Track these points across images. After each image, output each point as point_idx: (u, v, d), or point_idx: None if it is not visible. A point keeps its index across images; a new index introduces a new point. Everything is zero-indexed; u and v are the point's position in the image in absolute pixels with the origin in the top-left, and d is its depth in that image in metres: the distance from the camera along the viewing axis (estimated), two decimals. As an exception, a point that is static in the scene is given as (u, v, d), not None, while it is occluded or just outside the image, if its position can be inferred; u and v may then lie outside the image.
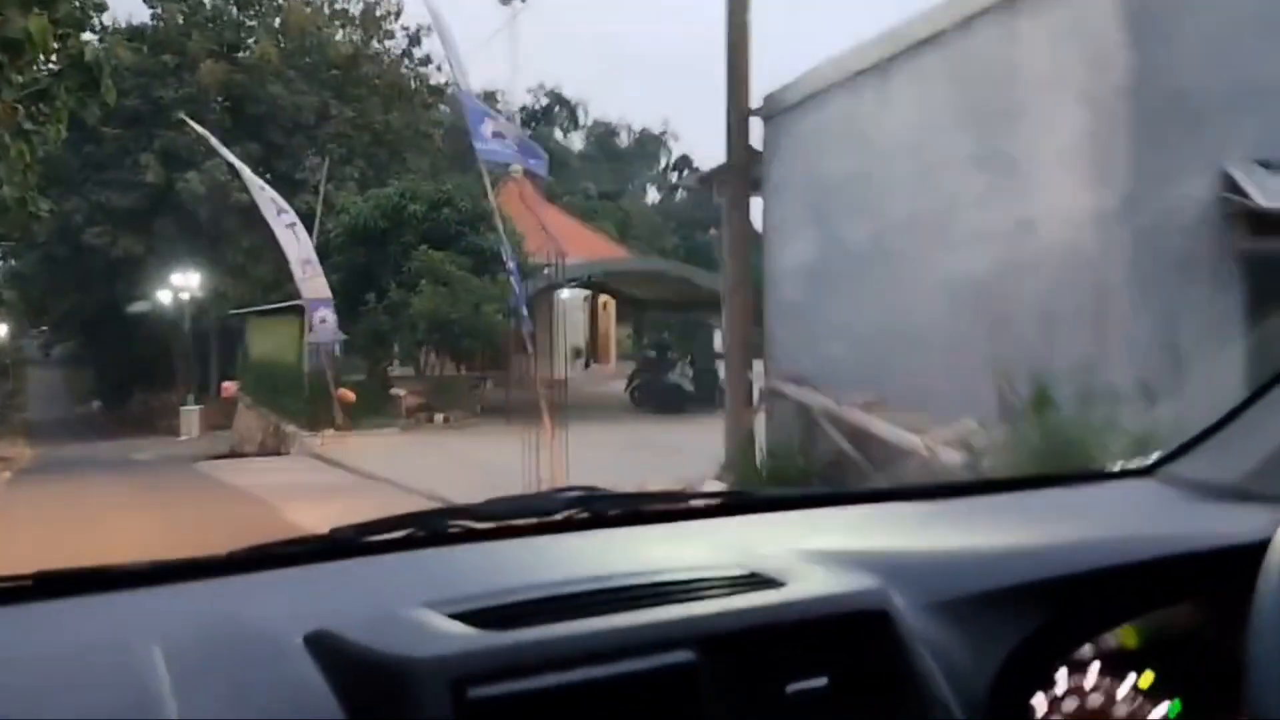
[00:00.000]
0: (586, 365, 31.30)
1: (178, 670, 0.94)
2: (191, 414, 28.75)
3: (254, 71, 31.40)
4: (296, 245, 20.75)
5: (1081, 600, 1.25)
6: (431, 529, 1.35)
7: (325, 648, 0.98)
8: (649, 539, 1.40)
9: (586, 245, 29.25)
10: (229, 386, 29.12)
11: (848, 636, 1.10)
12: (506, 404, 21.04)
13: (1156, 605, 1.28)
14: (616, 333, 35.06)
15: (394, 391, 23.37)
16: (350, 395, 20.80)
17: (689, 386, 22.80)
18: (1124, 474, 1.69)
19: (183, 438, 27.56)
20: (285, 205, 21.25)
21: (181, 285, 30.29)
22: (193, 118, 25.96)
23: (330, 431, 19.94)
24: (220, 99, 31.65)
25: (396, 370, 26.73)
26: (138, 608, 1.11)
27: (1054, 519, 1.52)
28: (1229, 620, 0.96)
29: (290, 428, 21.90)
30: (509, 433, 12.42)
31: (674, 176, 57.26)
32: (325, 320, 20.52)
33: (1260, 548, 0.97)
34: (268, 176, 27.78)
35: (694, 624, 1.04)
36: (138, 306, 33.29)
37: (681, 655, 1.01)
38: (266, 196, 21.31)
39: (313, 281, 20.54)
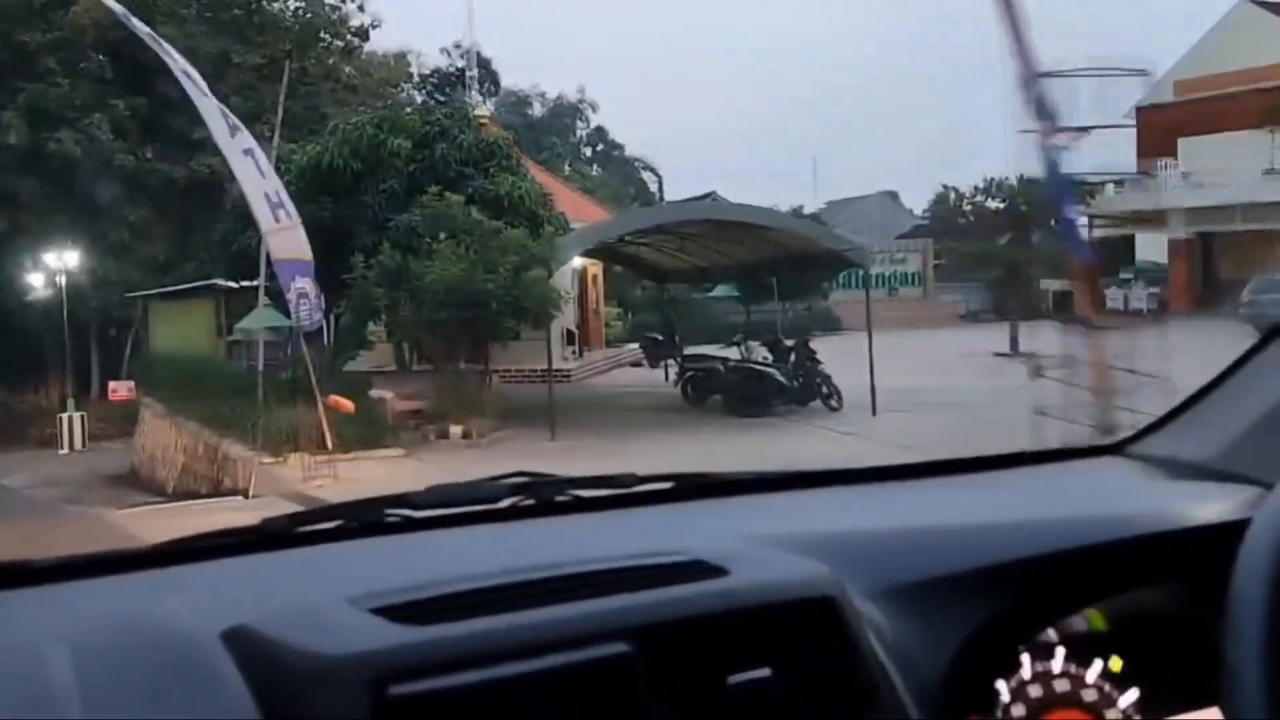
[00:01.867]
0: (579, 353, 25.19)
1: (88, 670, 0.92)
2: (72, 421, 22.42)
3: (140, 10, 24.70)
4: (259, 179, 14.29)
5: (1043, 583, 1.24)
6: (367, 519, 1.31)
7: (243, 644, 0.96)
8: (593, 526, 1.37)
9: (572, 204, 23.82)
10: (119, 387, 24.25)
11: (793, 625, 1.08)
12: (550, 404, 15.08)
13: (1122, 588, 1.26)
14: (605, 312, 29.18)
15: (375, 394, 16.99)
16: (348, 404, 14.26)
17: (783, 378, 16.97)
18: (1091, 451, 1.69)
19: (63, 452, 21.67)
20: (239, 123, 14.65)
21: (56, 267, 24.63)
22: (64, 66, 21.19)
23: (318, 458, 13.43)
24: (97, 45, 25.83)
25: (363, 363, 20.37)
26: (49, 605, 1.08)
27: (1017, 499, 1.52)
28: (1197, 602, 0.93)
29: (238, 449, 15.41)
30: (563, 451, 9.89)
31: (588, 151, 52.52)
32: (305, 294, 14.07)
33: (1228, 528, 0.93)
34: (157, 141, 24.64)
35: (630, 614, 1.02)
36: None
37: (616, 647, 0.98)
38: (213, 107, 14.60)
39: (286, 236, 14.18)
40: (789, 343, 17.48)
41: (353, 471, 13.18)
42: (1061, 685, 1.14)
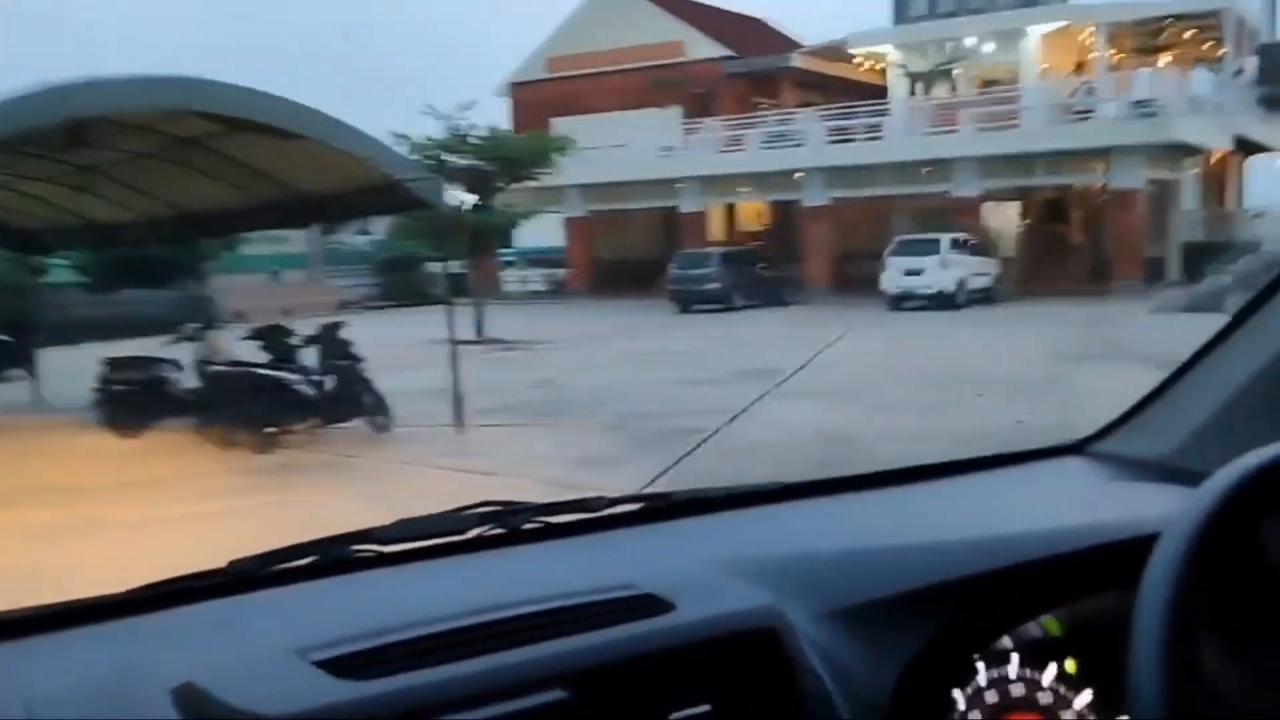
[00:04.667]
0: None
1: None
2: None
3: None
4: None
5: (997, 595, 1.24)
6: (336, 556, 1.30)
7: (190, 702, 0.96)
8: (556, 556, 1.37)
9: None
10: None
11: (735, 658, 1.09)
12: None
13: (1078, 595, 1.26)
14: None
15: None
16: None
17: (306, 386, 10.87)
18: (1052, 452, 1.68)
19: None
20: None
21: None
22: None
23: None
24: None
25: None
26: (13, 659, 1.08)
27: (974, 507, 1.52)
28: None
29: None
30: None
31: None
32: None
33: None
34: None
35: (570, 659, 1.03)
36: None
37: (554, 694, 0.99)
38: None
39: None
40: (309, 332, 11.25)
41: None
42: (1017, 690, 1.13)
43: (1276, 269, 1.54)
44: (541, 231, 37.62)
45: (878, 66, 35.80)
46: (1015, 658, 1.19)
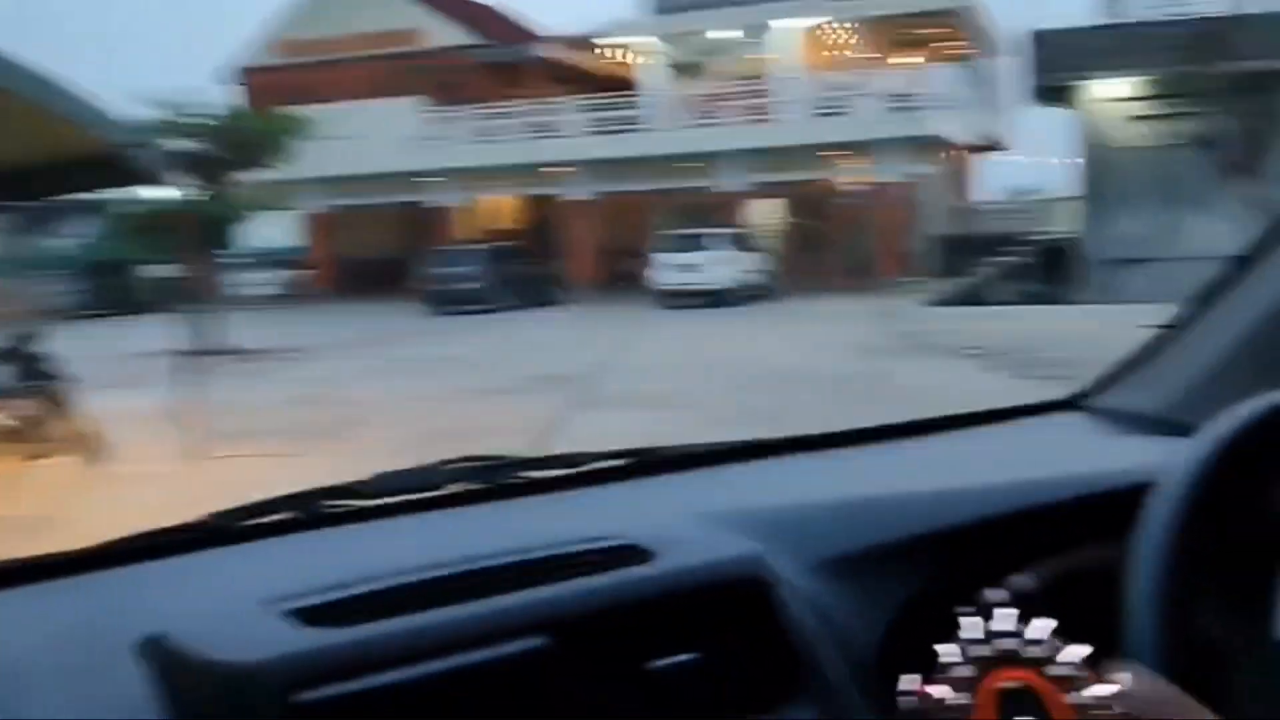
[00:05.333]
0: None
1: (6, 687, 0.91)
2: None
3: None
4: None
5: (985, 546, 1.23)
6: (313, 510, 1.29)
7: (158, 654, 0.94)
8: (538, 510, 1.34)
9: None
10: None
11: (720, 607, 1.08)
12: None
13: (1068, 546, 1.23)
14: None
15: None
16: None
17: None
18: (1047, 406, 1.67)
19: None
20: None
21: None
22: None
23: None
24: None
25: None
26: None
27: (965, 460, 1.51)
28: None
29: None
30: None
31: None
32: None
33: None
34: None
35: (551, 606, 1.01)
36: None
37: (531, 641, 0.98)
38: None
39: None
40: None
41: None
42: (1004, 643, 1.08)
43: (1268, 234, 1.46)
44: (279, 230, 34.52)
45: (633, 59, 34.75)
46: (1003, 609, 1.12)
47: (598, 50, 35.04)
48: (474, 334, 20.40)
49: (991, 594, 1.11)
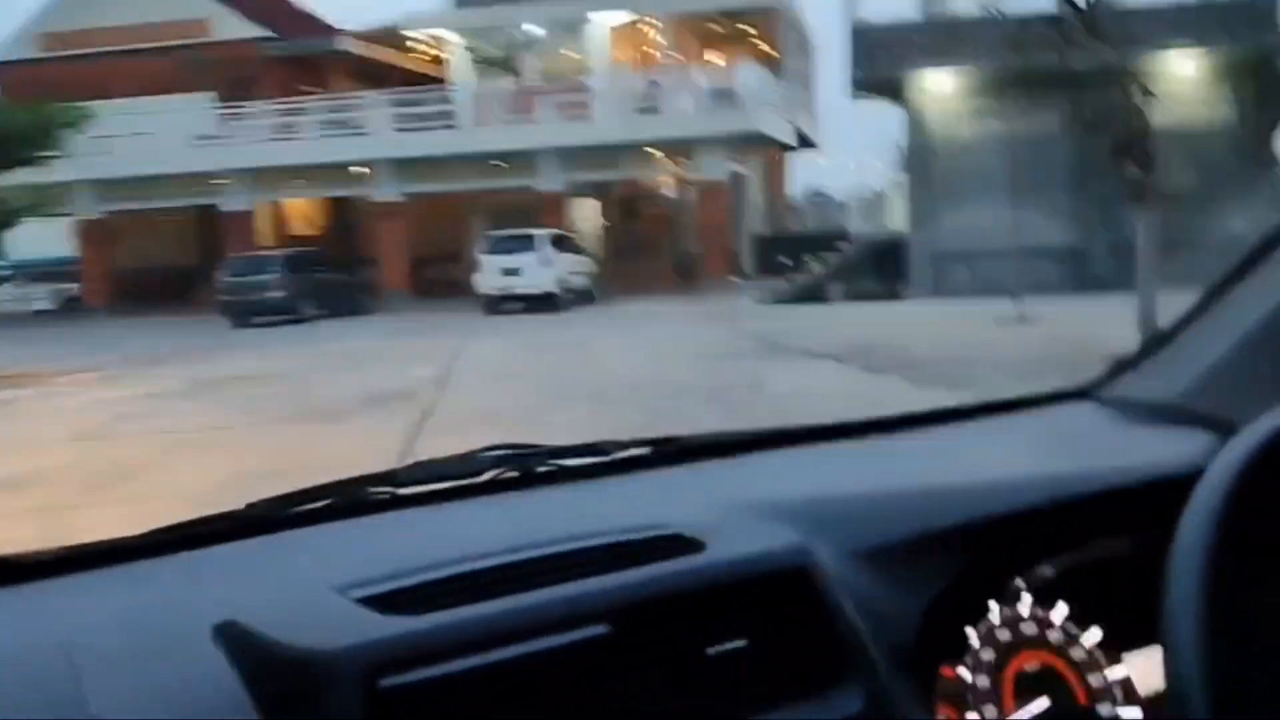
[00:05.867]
0: None
1: (85, 668, 0.92)
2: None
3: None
4: None
5: (1012, 537, 1.25)
6: (353, 498, 1.30)
7: (234, 639, 0.96)
8: (576, 498, 1.37)
9: None
10: None
11: (768, 596, 1.11)
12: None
13: (1090, 537, 1.24)
14: None
15: None
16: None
17: None
18: (1059, 397, 1.65)
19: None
20: None
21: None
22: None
23: None
24: None
25: None
26: (44, 601, 1.08)
27: (986, 451, 1.54)
28: (1162, 545, 0.91)
29: None
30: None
31: None
32: None
33: (1197, 473, 0.94)
34: None
35: (610, 595, 1.04)
36: None
37: (595, 629, 1.01)
38: None
39: None
40: None
41: None
42: (1028, 629, 1.14)
43: None
44: (46, 239, 31.23)
45: (439, 54, 33.06)
46: (1027, 597, 1.16)
47: (407, 45, 33.21)
48: (283, 348, 18.42)
49: (1019, 582, 1.15)
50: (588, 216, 31.40)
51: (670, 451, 1.48)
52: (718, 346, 14.92)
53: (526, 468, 1.38)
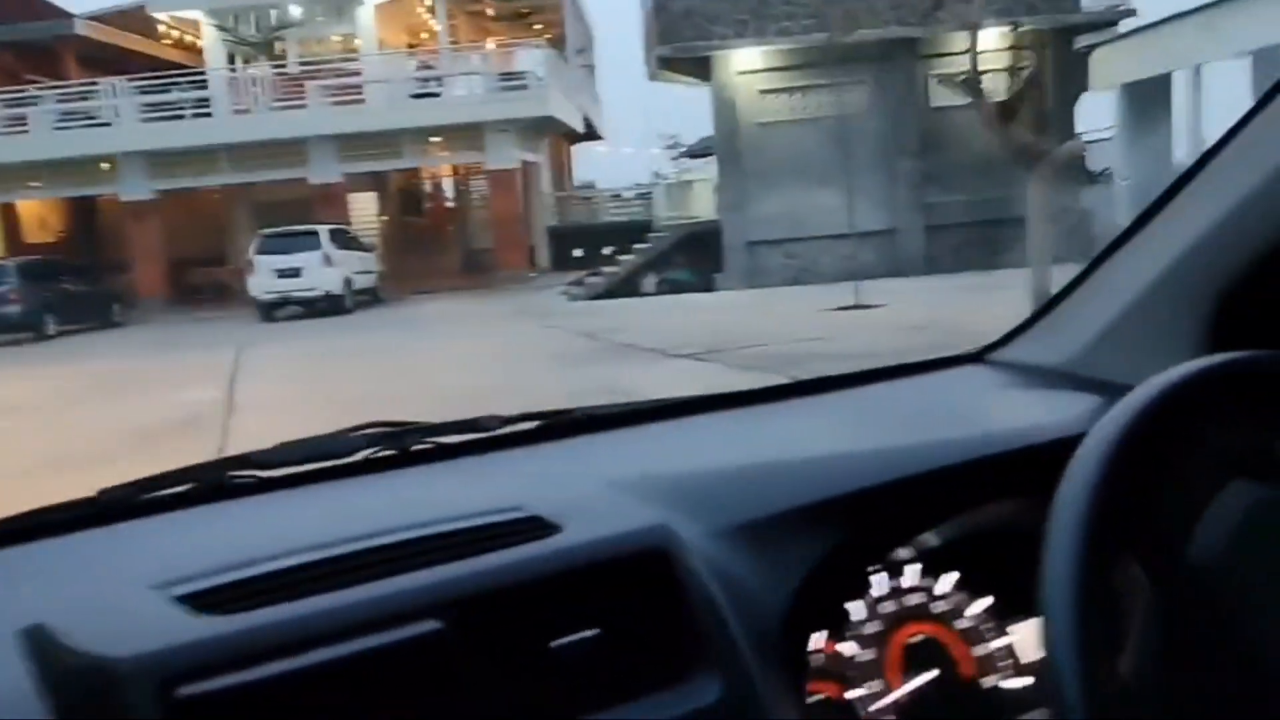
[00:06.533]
0: None
1: None
2: None
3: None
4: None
5: (894, 507, 1.21)
6: (213, 482, 1.22)
7: (39, 643, 0.90)
8: (443, 479, 1.30)
9: None
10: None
11: (623, 581, 1.04)
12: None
13: (976, 504, 1.23)
14: None
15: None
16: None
17: None
18: (951, 361, 1.65)
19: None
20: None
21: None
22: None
23: None
24: None
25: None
26: None
27: (871, 418, 1.50)
28: (1047, 512, 0.91)
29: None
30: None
31: None
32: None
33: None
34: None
35: (444, 588, 0.97)
36: None
37: (427, 625, 0.93)
38: None
39: None
40: None
41: None
42: (912, 599, 1.11)
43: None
44: None
45: (190, 39, 29.91)
46: (911, 568, 1.14)
47: (149, 31, 29.87)
48: (21, 371, 15.56)
49: (901, 552, 1.12)
50: (366, 209, 29.06)
51: (551, 427, 1.42)
52: (552, 348, 13.32)
53: (402, 446, 1.32)
